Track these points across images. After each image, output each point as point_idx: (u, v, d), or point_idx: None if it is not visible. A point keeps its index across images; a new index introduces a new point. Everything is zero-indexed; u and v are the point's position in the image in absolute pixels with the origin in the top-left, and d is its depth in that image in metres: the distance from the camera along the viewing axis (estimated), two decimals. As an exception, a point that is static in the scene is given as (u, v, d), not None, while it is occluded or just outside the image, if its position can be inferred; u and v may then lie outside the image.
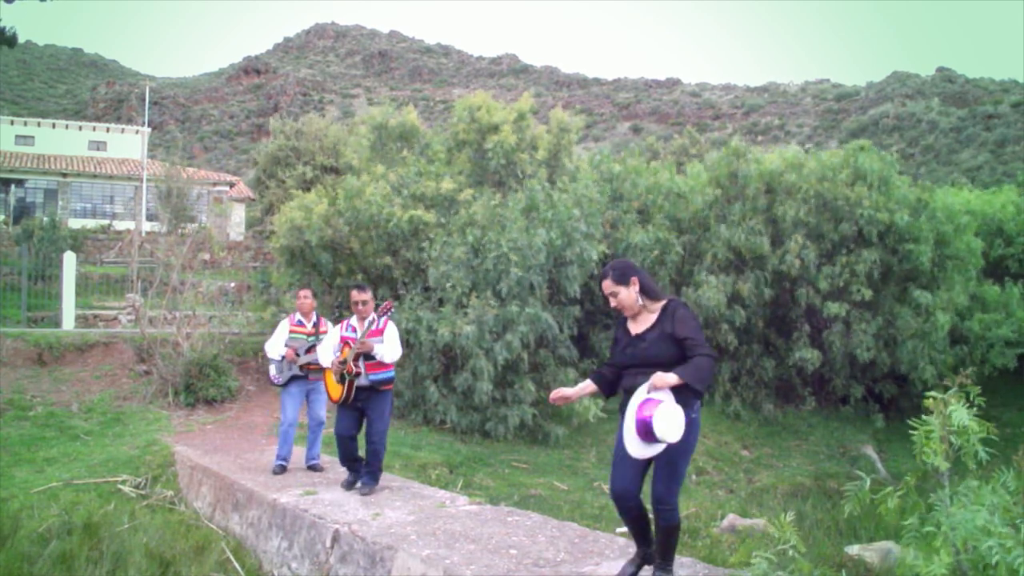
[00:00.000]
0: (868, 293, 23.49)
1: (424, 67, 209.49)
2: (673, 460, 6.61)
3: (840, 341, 23.91)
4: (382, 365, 11.07)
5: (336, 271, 22.93)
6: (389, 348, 11.05)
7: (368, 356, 10.92)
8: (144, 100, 74.33)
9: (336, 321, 12.79)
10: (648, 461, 6.72)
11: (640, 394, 6.47)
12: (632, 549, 7.38)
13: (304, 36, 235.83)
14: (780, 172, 25.43)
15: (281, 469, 12.80)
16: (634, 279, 6.85)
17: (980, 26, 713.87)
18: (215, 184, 61.02)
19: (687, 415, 6.54)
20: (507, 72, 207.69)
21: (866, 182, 24.71)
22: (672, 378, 6.40)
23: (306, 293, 13.36)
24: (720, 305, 22.96)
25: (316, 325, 13.22)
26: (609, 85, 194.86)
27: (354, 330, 11.09)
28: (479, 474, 16.97)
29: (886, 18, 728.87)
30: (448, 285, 20.09)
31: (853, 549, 8.90)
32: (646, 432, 6.29)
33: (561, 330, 21.44)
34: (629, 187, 26.38)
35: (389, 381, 11.27)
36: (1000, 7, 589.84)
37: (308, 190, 26.60)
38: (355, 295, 11.15)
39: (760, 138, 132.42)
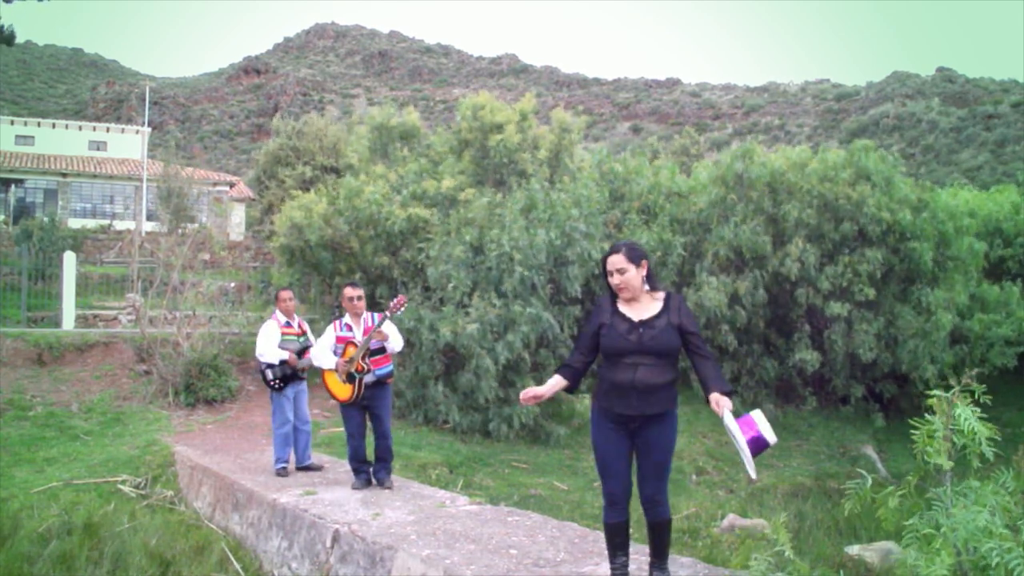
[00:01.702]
0: (871, 293, 23.45)
1: (424, 67, 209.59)
2: (661, 459, 6.60)
3: (842, 341, 23.87)
4: (386, 358, 11.20)
5: (336, 270, 22.96)
6: (396, 338, 11.18)
7: (375, 352, 10.98)
8: (144, 100, 74.36)
9: (332, 320, 12.75)
10: (632, 463, 6.72)
11: (730, 421, 6.33)
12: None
13: (304, 36, 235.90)
14: (783, 172, 25.39)
15: (285, 472, 12.75)
16: (644, 262, 6.70)
17: (980, 26, 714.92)
18: (215, 184, 60.98)
19: (675, 412, 6.64)
20: (507, 72, 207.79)
21: (870, 182, 24.68)
22: (727, 401, 6.35)
23: (289, 294, 13.28)
24: (721, 306, 22.89)
25: (300, 326, 13.21)
26: (609, 85, 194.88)
27: (350, 328, 11.17)
28: (479, 474, 16.96)
29: (886, 18, 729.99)
30: (450, 286, 20.10)
31: (853, 549, 8.91)
32: (759, 447, 6.25)
33: (562, 330, 21.40)
34: (631, 187, 26.41)
35: (391, 373, 11.42)
36: (1000, 7, 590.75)
37: (308, 190, 26.63)
38: (351, 291, 11.27)
39: (761, 138, 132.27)
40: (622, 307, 6.78)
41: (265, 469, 13.16)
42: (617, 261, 6.69)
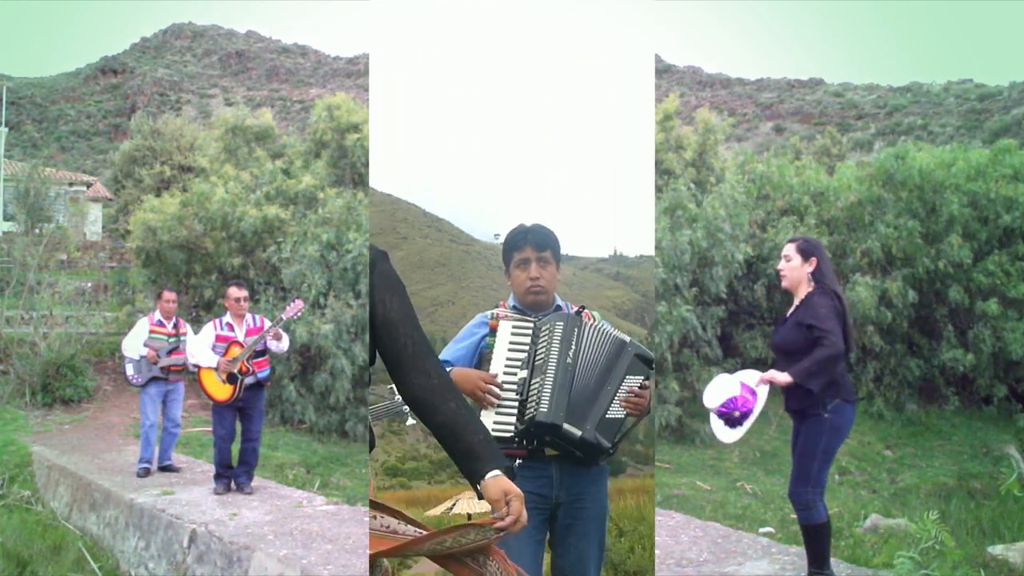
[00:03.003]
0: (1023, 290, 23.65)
1: (281, 67, 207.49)
2: (801, 457, 6.53)
3: (990, 340, 23.82)
4: (265, 361, 11.23)
5: (191, 271, 22.89)
6: (286, 339, 11.17)
7: (257, 354, 11.00)
8: (0, 100, 73.02)
9: (191, 321, 12.73)
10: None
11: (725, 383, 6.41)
12: None
13: (161, 36, 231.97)
14: (932, 171, 25.20)
15: (145, 472, 12.60)
16: (814, 259, 6.63)
17: None
18: (72, 184, 60.06)
19: (819, 413, 6.39)
20: (364, 72, 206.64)
21: (1018, 179, 24.96)
22: (783, 377, 6.27)
23: (171, 296, 13.08)
24: (871, 306, 22.74)
25: (176, 327, 13.00)
26: (752, 85, 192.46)
27: (231, 328, 11.04)
28: (336, 474, 17.00)
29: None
30: (304, 285, 20.14)
31: (996, 549, 9.00)
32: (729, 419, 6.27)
33: (705, 329, 21.77)
34: (774, 187, 26.76)
35: (269, 377, 11.51)
36: None
37: (167, 188, 26.48)
38: (236, 292, 11.07)
39: (903, 138, 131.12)
40: None
41: (123, 469, 13.10)
42: (787, 248, 6.78)
